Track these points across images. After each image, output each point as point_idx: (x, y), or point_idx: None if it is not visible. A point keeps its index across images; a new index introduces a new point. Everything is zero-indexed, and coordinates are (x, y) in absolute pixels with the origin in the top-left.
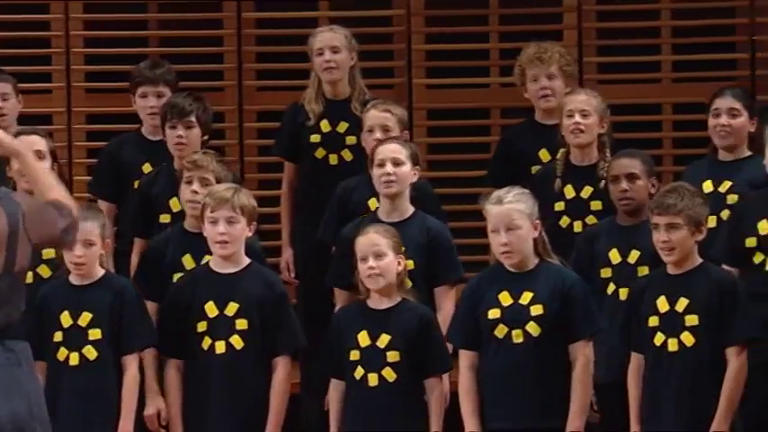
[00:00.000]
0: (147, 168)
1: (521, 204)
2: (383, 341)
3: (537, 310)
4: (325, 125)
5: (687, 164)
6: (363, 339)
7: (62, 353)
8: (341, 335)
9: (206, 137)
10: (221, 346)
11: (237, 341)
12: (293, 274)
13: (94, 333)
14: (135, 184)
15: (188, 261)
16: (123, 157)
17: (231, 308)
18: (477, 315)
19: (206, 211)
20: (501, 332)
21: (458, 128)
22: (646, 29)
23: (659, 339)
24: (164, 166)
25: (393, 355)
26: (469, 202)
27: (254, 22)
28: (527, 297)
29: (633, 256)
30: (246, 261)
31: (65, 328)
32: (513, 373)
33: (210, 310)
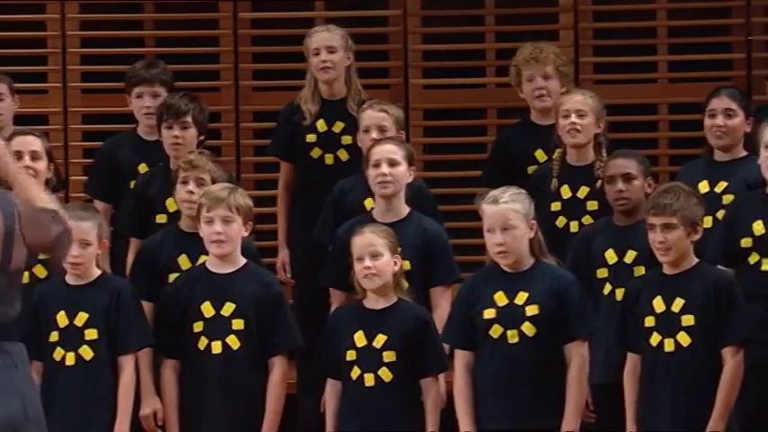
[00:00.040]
0: (143, 168)
1: (517, 204)
2: (379, 341)
3: (532, 310)
4: (321, 125)
5: (683, 164)
6: (360, 339)
7: (58, 353)
8: (337, 335)
9: (202, 137)
10: (218, 347)
11: (234, 341)
12: (289, 275)
13: (91, 333)
14: (131, 184)
15: (183, 261)
16: (119, 157)
17: (228, 308)
18: (473, 315)
19: (202, 211)
20: (496, 332)
21: (454, 128)
22: (642, 29)
23: (655, 339)
24: (160, 166)
25: (389, 355)
26: (465, 203)
27: (250, 22)
28: (522, 297)
29: (630, 256)
30: (243, 261)
31: (61, 328)
32: (509, 373)
33: (207, 310)
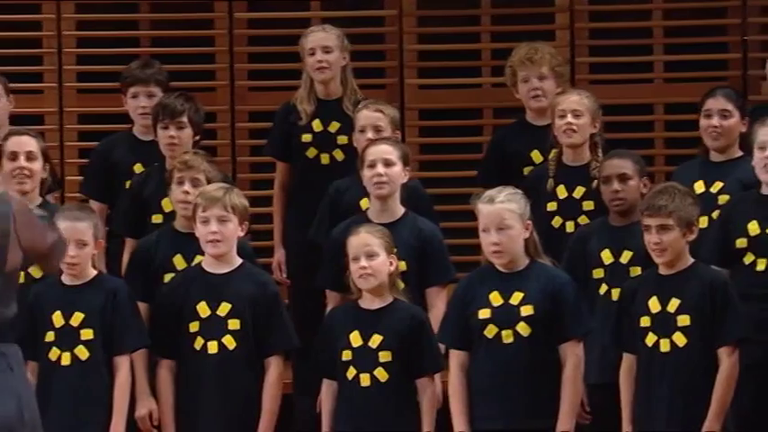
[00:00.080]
0: (139, 168)
1: (512, 204)
2: (375, 341)
3: (527, 310)
4: (316, 125)
5: (679, 164)
6: (355, 339)
7: (54, 353)
8: (333, 335)
9: (198, 137)
10: (214, 347)
11: (230, 341)
12: (285, 275)
13: (86, 333)
14: (127, 185)
15: (179, 261)
16: (115, 157)
17: (223, 308)
18: (468, 315)
19: (197, 211)
20: (491, 332)
21: (450, 128)
22: (637, 29)
23: (651, 340)
24: (155, 166)
25: (385, 356)
26: (461, 203)
27: (245, 22)
28: (517, 297)
29: (625, 256)
30: (239, 261)
31: (57, 328)
32: (503, 373)
33: (203, 310)
